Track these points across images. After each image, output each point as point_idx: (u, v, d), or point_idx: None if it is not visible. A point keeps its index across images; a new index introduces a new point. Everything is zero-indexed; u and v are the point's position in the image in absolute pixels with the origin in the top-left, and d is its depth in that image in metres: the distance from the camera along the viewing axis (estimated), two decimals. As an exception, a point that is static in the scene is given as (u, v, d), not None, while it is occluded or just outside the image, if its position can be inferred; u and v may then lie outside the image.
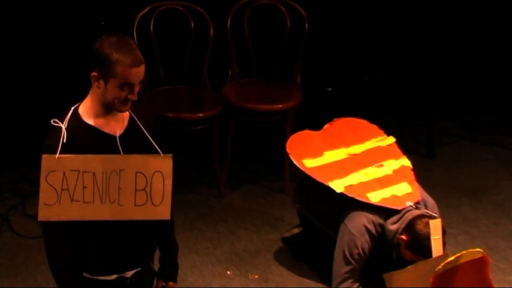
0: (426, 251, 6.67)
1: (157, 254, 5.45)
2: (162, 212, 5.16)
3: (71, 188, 5.05)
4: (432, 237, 6.71)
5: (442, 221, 6.85)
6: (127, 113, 5.15)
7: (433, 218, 6.80)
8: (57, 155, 5.00)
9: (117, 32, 5.15)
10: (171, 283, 5.48)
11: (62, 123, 5.05)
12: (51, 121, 5.06)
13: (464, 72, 9.28)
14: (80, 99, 5.10)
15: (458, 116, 9.31)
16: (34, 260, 7.18)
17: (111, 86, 4.95)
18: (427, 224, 6.70)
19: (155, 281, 5.46)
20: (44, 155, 4.99)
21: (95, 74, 4.97)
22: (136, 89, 5.02)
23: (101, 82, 4.97)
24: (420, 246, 6.70)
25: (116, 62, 4.91)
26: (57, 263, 5.18)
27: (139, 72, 4.97)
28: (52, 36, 8.08)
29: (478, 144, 9.07)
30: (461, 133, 9.18)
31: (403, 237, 6.76)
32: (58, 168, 5.02)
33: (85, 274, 5.20)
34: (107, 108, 5.05)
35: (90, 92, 5.08)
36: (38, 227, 6.82)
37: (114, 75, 4.93)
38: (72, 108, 5.12)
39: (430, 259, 6.71)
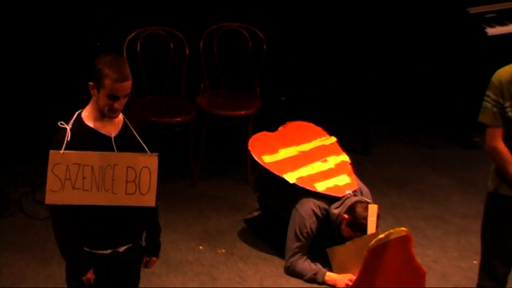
0: (362, 228, 6.79)
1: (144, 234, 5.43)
2: (149, 200, 5.18)
3: (73, 178, 5.06)
4: (369, 218, 6.83)
5: (378, 207, 6.98)
6: (121, 118, 5.16)
7: (369, 203, 6.93)
8: (62, 151, 5.03)
9: (114, 52, 5.22)
10: (154, 258, 5.47)
11: (67, 125, 5.08)
12: (58, 123, 5.08)
13: (393, 84, 9.28)
14: (83, 105, 5.10)
15: (389, 121, 9.29)
16: (42, 237, 7.18)
17: (101, 95, 4.97)
18: (366, 207, 6.82)
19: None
20: (51, 151, 5.02)
21: (91, 83, 5.02)
22: (123, 100, 5.02)
23: (95, 91, 5.00)
24: (358, 224, 6.81)
25: (106, 76, 4.93)
26: (63, 239, 5.20)
27: (124, 86, 4.97)
28: (61, 54, 8.08)
29: (404, 143, 9.07)
30: (391, 134, 9.17)
31: (345, 216, 6.86)
32: (62, 162, 5.04)
33: (85, 248, 5.19)
34: (102, 114, 5.08)
35: (91, 100, 5.11)
36: (45, 211, 6.90)
37: (104, 87, 4.95)
38: (77, 112, 5.13)
39: (364, 236, 6.80)
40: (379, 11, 8.90)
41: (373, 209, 6.88)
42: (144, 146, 5.20)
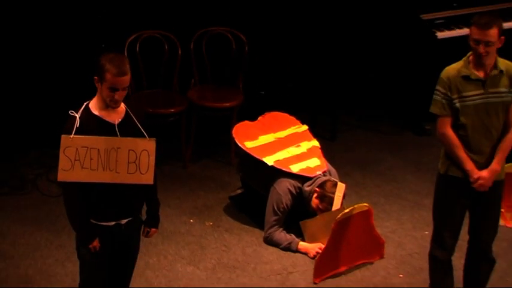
0: (329, 201, 6.83)
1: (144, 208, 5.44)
2: (147, 178, 5.19)
3: (81, 159, 5.07)
4: (336, 194, 6.86)
5: (345, 186, 7.00)
6: (123, 108, 5.18)
7: (336, 181, 6.95)
8: (72, 136, 5.04)
9: (116, 51, 5.23)
10: (153, 229, 5.49)
11: (77, 113, 5.09)
12: (69, 112, 5.11)
13: (357, 79, 9.29)
14: (90, 97, 5.13)
15: (353, 111, 9.28)
16: (54, 212, 7.18)
17: (104, 88, 5.01)
18: (335, 184, 6.85)
19: (142, 228, 5.46)
20: (62, 135, 5.04)
21: (96, 77, 5.05)
22: (122, 92, 5.05)
23: (99, 84, 5.04)
24: (326, 196, 6.86)
25: (107, 71, 4.97)
26: (72, 211, 5.22)
27: (123, 80, 5.00)
28: (73, 54, 8.07)
29: (366, 131, 9.06)
30: (356, 123, 9.17)
31: (317, 189, 6.89)
32: (72, 145, 5.05)
33: (92, 220, 5.21)
34: (106, 104, 5.10)
35: (97, 92, 5.13)
36: (57, 189, 6.91)
37: (105, 80, 4.99)
38: (85, 103, 5.15)
39: (331, 211, 6.83)
40: (344, 17, 8.91)
41: (341, 187, 6.91)
42: (144, 132, 5.21)
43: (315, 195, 6.91)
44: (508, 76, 5.72)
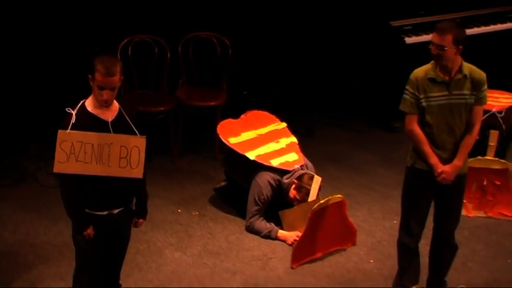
0: (306, 192, 6.84)
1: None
2: (137, 173, 5.19)
3: (76, 153, 5.07)
4: (312, 186, 6.87)
5: (321, 179, 7.01)
6: (117, 106, 5.18)
7: (312, 174, 6.96)
8: (68, 131, 5.04)
9: (110, 54, 5.24)
10: (141, 220, 5.50)
11: (73, 111, 5.09)
12: (66, 109, 5.11)
13: (331, 82, 9.31)
14: (85, 96, 5.14)
15: (328, 110, 9.28)
16: (52, 202, 7.16)
17: (94, 86, 5.03)
18: (312, 177, 6.86)
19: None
20: (59, 130, 5.05)
21: (89, 76, 5.06)
22: (110, 92, 5.05)
23: (92, 83, 5.06)
24: (303, 187, 6.87)
25: (97, 71, 4.99)
26: (68, 201, 5.23)
27: (110, 81, 5.00)
28: (71, 57, 8.04)
29: (340, 128, 9.07)
30: (331, 121, 9.17)
31: (295, 181, 6.89)
32: (68, 139, 5.05)
33: (86, 210, 5.21)
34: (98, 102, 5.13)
35: (92, 92, 5.13)
36: (55, 181, 6.85)
37: (95, 79, 5.01)
38: (81, 101, 5.16)
39: (308, 202, 6.84)
40: (319, 25, 8.92)
41: (317, 180, 6.93)
42: (135, 130, 5.20)
43: (293, 186, 6.92)
44: (471, 80, 5.75)
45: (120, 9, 8.24)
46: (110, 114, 5.17)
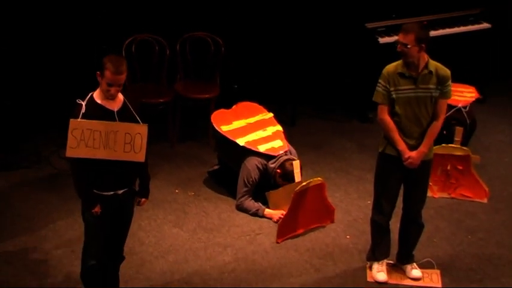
0: (291, 179, 6.83)
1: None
2: (140, 157, 5.20)
3: (86, 139, 5.07)
4: (294, 171, 6.87)
5: (300, 162, 7.01)
6: (121, 98, 5.19)
7: (295, 160, 6.97)
8: (79, 120, 5.06)
9: (117, 53, 5.25)
10: (144, 199, 5.51)
11: (83, 102, 5.11)
12: (77, 100, 5.13)
13: (314, 77, 9.30)
14: (94, 89, 5.17)
15: (310, 102, 9.26)
16: (64, 183, 7.15)
17: (103, 82, 5.05)
18: (292, 163, 6.86)
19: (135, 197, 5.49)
20: (71, 119, 5.07)
21: (98, 73, 5.06)
22: (118, 88, 5.09)
23: (100, 79, 5.06)
24: (287, 175, 6.87)
25: (106, 69, 5.01)
26: (78, 182, 5.24)
27: (119, 79, 5.04)
28: (81, 54, 8.03)
29: (321, 118, 9.03)
30: (311, 112, 9.13)
31: (278, 171, 6.90)
32: (79, 127, 5.06)
33: (94, 190, 5.22)
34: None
35: (99, 85, 5.14)
36: (67, 164, 6.86)
37: (104, 76, 5.02)
38: (90, 94, 5.17)
39: (292, 183, 6.85)
40: (303, 27, 8.91)
41: (297, 164, 6.94)
42: (138, 118, 5.22)
43: (277, 175, 6.93)
44: (436, 76, 5.78)
45: (125, 11, 8.23)
46: (115, 105, 5.18)
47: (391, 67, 5.84)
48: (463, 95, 7.86)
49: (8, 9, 7.84)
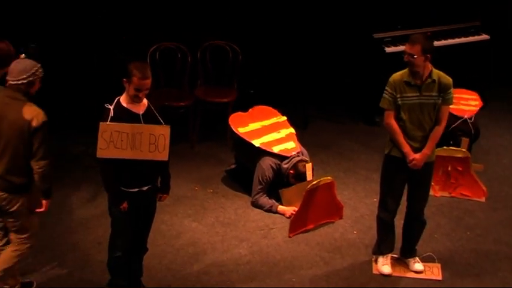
0: (303, 179, 6.83)
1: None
2: (163, 156, 5.22)
3: (114, 141, 5.09)
4: (307, 172, 6.87)
5: (312, 164, 7.01)
6: (146, 101, 5.22)
7: (307, 161, 6.96)
8: (107, 123, 5.09)
9: (141, 60, 5.26)
10: (165, 195, 5.52)
11: (111, 106, 5.13)
12: (105, 105, 5.16)
13: (325, 83, 9.30)
14: (120, 94, 5.17)
15: (321, 106, 9.23)
16: (93, 180, 7.18)
17: (131, 88, 5.06)
18: (305, 165, 6.86)
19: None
20: (100, 122, 5.09)
21: (124, 79, 5.08)
22: (144, 92, 5.11)
23: (127, 85, 5.08)
24: (300, 176, 6.86)
25: (134, 75, 5.02)
26: (107, 180, 5.26)
27: (146, 83, 5.06)
28: (112, 63, 8.04)
29: (330, 121, 9.01)
30: (322, 115, 9.11)
31: (291, 171, 6.90)
32: (108, 130, 5.08)
33: (121, 188, 5.25)
34: (132, 99, 5.15)
35: (125, 91, 5.16)
36: (96, 163, 6.86)
37: (132, 82, 5.04)
38: (116, 98, 5.19)
39: (304, 182, 6.85)
40: (315, 37, 8.93)
41: (309, 166, 6.93)
42: (161, 120, 5.23)
43: (290, 175, 6.93)
44: (439, 84, 5.78)
45: (150, 21, 8.26)
46: (140, 108, 5.20)
47: (397, 76, 5.82)
48: (468, 103, 7.82)
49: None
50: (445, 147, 7.24)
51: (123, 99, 5.19)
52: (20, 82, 5.11)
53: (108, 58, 8.14)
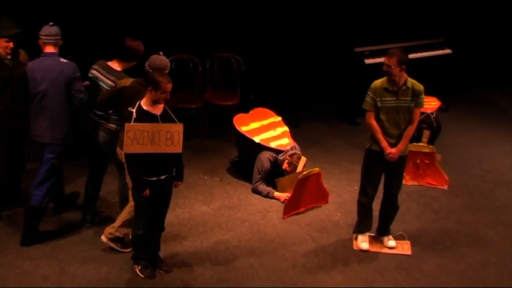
0: (295, 167, 6.84)
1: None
2: (178, 149, 5.22)
3: (138, 138, 5.10)
4: (299, 164, 6.84)
5: (305, 159, 6.97)
6: (162, 105, 5.22)
7: (300, 155, 6.93)
8: (131, 124, 5.09)
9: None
10: (179, 182, 5.50)
11: (134, 110, 5.12)
12: (128, 109, 5.15)
13: (313, 87, 9.27)
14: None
15: (310, 107, 9.19)
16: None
17: (158, 93, 5.08)
18: (300, 157, 6.84)
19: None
20: (126, 124, 5.08)
21: (150, 88, 5.06)
22: (168, 94, 5.13)
23: (153, 92, 5.08)
24: (293, 163, 6.84)
25: (160, 82, 5.05)
26: (132, 171, 5.26)
27: (170, 86, 5.11)
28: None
29: (319, 121, 8.97)
30: (311, 116, 9.06)
31: (288, 157, 6.87)
32: (132, 129, 5.08)
33: (144, 177, 5.24)
34: (153, 102, 5.13)
35: (145, 96, 5.14)
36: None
37: (160, 88, 5.06)
38: (138, 102, 5.18)
39: (295, 173, 6.83)
40: (305, 50, 8.89)
41: (303, 159, 6.91)
42: (175, 119, 5.23)
43: (286, 161, 6.90)
44: (412, 90, 5.78)
45: (167, 37, 8.21)
46: (158, 110, 5.21)
47: (378, 82, 5.81)
48: (430, 103, 7.86)
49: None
50: (414, 143, 7.23)
51: (144, 103, 5.18)
52: None
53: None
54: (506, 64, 9.83)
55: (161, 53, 5.58)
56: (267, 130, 7.28)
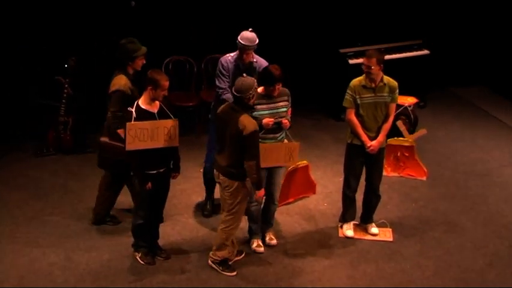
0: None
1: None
2: (175, 142, 5.30)
3: (138, 135, 5.14)
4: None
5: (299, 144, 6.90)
6: (158, 103, 5.26)
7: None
8: (132, 122, 5.13)
9: (157, 69, 5.26)
10: (177, 174, 5.55)
11: (132, 109, 5.16)
12: (128, 108, 5.18)
13: (304, 86, 9.27)
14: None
15: (300, 106, 9.11)
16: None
17: (159, 91, 5.11)
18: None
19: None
20: (127, 123, 5.14)
21: (150, 87, 5.08)
22: (167, 90, 5.17)
23: (153, 90, 5.09)
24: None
25: (160, 80, 5.08)
26: (135, 166, 5.30)
27: (168, 83, 5.14)
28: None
29: (307, 118, 8.96)
30: (301, 114, 8.84)
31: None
32: (133, 128, 5.12)
33: (145, 171, 5.29)
34: (151, 100, 5.15)
35: (143, 94, 5.18)
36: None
37: (161, 86, 5.09)
38: (136, 101, 5.22)
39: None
40: (295, 52, 8.89)
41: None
42: (171, 116, 5.27)
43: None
44: (388, 87, 5.82)
45: (164, 40, 8.22)
46: (155, 108, 5.24)
47: (356, 81, 5.85)
48: (407, 99, 7.96)
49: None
50: (395, 138, 7.27)
51: (142, 102, 5.21)
52: (245, 96, 5.12)
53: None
54: (480, 64, 9.88)
55: (245, 74, 5.37)
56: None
